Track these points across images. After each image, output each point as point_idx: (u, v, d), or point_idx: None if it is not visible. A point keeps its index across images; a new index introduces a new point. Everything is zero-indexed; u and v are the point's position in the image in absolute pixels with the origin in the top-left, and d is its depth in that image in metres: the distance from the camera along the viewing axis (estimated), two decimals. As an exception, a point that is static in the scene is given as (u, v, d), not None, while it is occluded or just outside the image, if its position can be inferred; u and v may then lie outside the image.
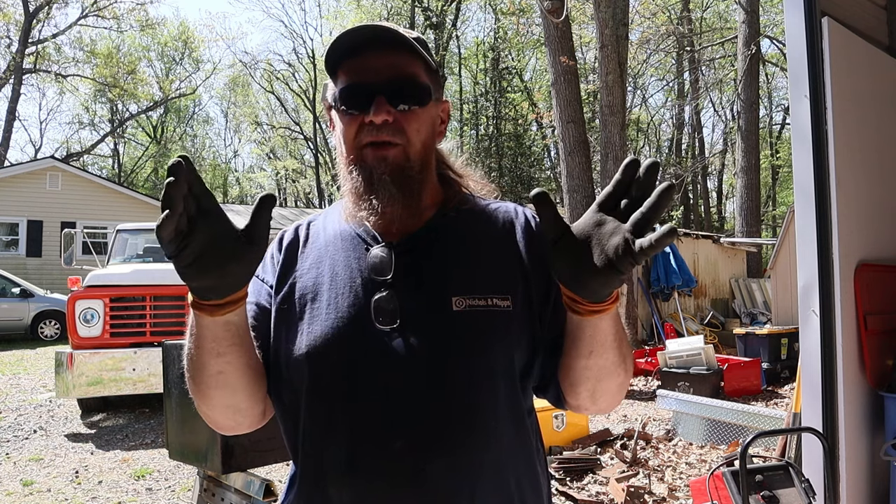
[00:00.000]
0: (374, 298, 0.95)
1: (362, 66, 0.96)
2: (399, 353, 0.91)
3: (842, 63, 2.32)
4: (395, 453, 0.89)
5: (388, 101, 0.94)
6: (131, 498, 4.24)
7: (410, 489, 0.90)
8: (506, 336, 0.94)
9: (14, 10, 26.08)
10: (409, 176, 0.97)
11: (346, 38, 0.95)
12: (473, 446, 0.92)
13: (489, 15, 30.19)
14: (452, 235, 1.01)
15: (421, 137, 0.98)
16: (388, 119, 0.94)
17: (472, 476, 0.91)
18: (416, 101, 0.97)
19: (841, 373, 2.21)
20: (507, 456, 0.95)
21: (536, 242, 1.02)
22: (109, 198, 17.37)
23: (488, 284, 0.96)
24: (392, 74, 0.96)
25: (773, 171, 27.95)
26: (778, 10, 20.77)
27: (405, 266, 0.97)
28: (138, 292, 6.17)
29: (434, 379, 0.91)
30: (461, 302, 0.94)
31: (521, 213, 1.07)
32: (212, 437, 2.31)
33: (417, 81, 0.98)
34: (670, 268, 11.52)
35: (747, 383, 6.99)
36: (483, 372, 0.93)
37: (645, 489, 3.85)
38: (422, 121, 0.99)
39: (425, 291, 0.95)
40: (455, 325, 0.93)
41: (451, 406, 0.91)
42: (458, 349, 0.92)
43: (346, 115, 0.97)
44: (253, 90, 38.30)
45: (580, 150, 11.26)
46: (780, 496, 1.88)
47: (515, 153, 27.46)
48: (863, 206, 2.44)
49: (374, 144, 0.95)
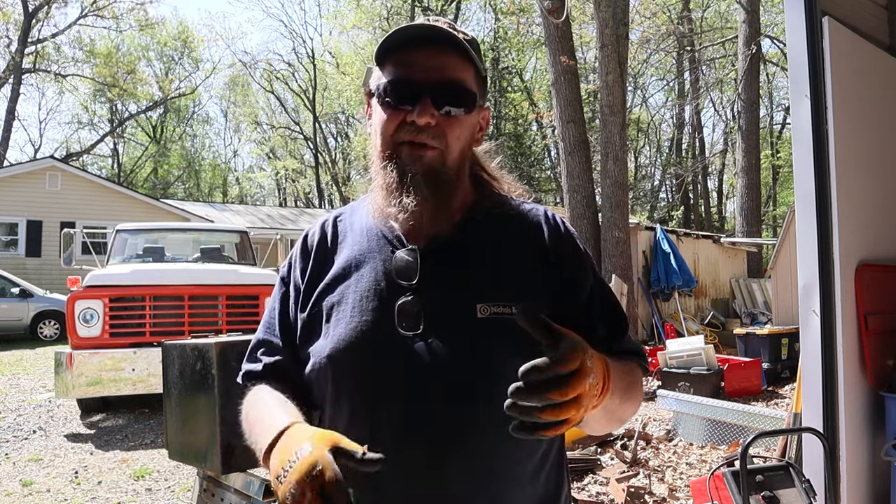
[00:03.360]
0: (399, 303, 0.94)
1: (413, 62, 0.95)
2: (421, 359, 0.91)
3: (842, 63, 2.31)
4: (414, 457, 0.89)
5: (433, 104, 0.93)
6: (131, 498, 4.24)
7: (429, 493, 0.89)
8: (528, 344, 0.94)
9: (13, 9, 26.12)
10: (443, 180, 0.96)
11: (403, 31, 0.94)
12: (493, 453, 0.91)
13: (489, 15, 30.23)
14: (479, 240, 1.00)
15: (460, 144, 0.98)
16: (431, 122, 0.93)
17: (491, 483, 0.91)
18: (461, 107, 0.96)
19: (841, 373, 2.21)
20: (526, 463, 0.94)
21: (564, 253, 1.02)
22: (109, 198, 17.37)
23: (513, 291, 0.95)
24: (441, 77, 0.94)
25: (774, 171, 27.93)
26: (778, 9, 20.76)
27: (430, 271, 0.96)
28: (138, 292, 6.17)
29: (455, 385, 0.91)
30: (486, 309, 0.93)
31: (550, 217, 1.06)
32: (212, 437, 2.31)
33: (465, 87, 0.97)
34: (670, 268, 11.52)
35: (748, 383, 6.99)
36: (502, 379, 0.92)
37: (645, 489, 3.84)
38: (464, 127, 0.98)
39: (450, 297, 0.94)
40: (479, 332, 0.92)
41: (471, 413, 0.91)
42: (481, 357, 0.92)
43: (389, 109, 0.96)
44: (253, 90, 38.35)
45: (580, 149, 11.25)
46: (781, 496, 1.88)
47: (515, 153, 27.47)
48: (863, 206, 2.43)
49: (411, 144, 0.94)
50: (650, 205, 31.53)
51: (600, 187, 11.49)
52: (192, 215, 18.31)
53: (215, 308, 6.40)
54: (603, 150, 11.14)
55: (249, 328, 6.35)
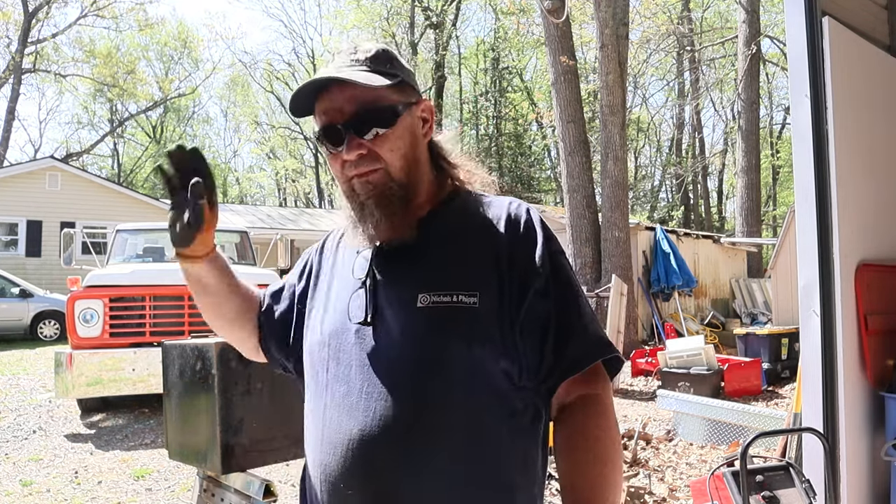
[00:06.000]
0: (350, 297, 1.04)
1: (327, 108, 1.03)
2: (365, 347, 0.99)
3: (842, 63, 2.31)
4: (350, 441, 0.95)
5: (357, 134, 1.00)
6: (131, 498, 4.24)
7: (361, 477, 0.94)
8: (468, 332, 0.95)
9: (13, 9, 26.10)
10: (394, 195, 1.02)
11: (307, 85, 1.02)
12: (419, 441, 0.93)
13: (489, 15, 30.22)
14: (436, 233, 1.04)
15: (400, 153, 1.03)
16: (363, 152, 1.01)
17: (418, 470, 0.92)
18: (382, 125, 1.01)
19: (841, 373, 2.21)
20: (460, 453, 0.94)
21: (518, 242, 1.02)
22: (109, 198, 17.35)
23: (457, 281, 0.98)
24: (353, 108, 1.00)
25: (774, 171, 27.96)
26: (778, 9, 20.78)
27: (381, 267, 1.04)
28: (138, 292, 6.16)
29: (389, 372, 0.96)
30: (426, 298, 0.97)
31: (512, 211, 1.06)
32: (212, 437, 2.31)
33: (379, 106, 1.01)
34: (670, 268, 11.52)
35: (748, 383, 6.99)
36: (437, 368, 0.95)
37: (645, 489, 3.84)
38: (395, 138, 1.03)
39: (395, 290, 1.01)
40: (417, 321, 0.97)
41: (400, 400, 0.94)
42: (415, 345, 0.96)
43: (329, 154, 1.05)
44: (253, 90, 38.34)
45: (580, 149, 11.25)
46: (781, 496, 1.88)
47: (515, 153, 27.47)
48: (863, 206, 2.43)
49: (358, 175, 1.03)
50: (650, 205, 31.53)
51: (600, 187, 11.49)
52: (192, 215, 18.27)
53: (215, 308, 6.39)
54: (603, 150, 11.14)
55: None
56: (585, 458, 0.94)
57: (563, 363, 0.98)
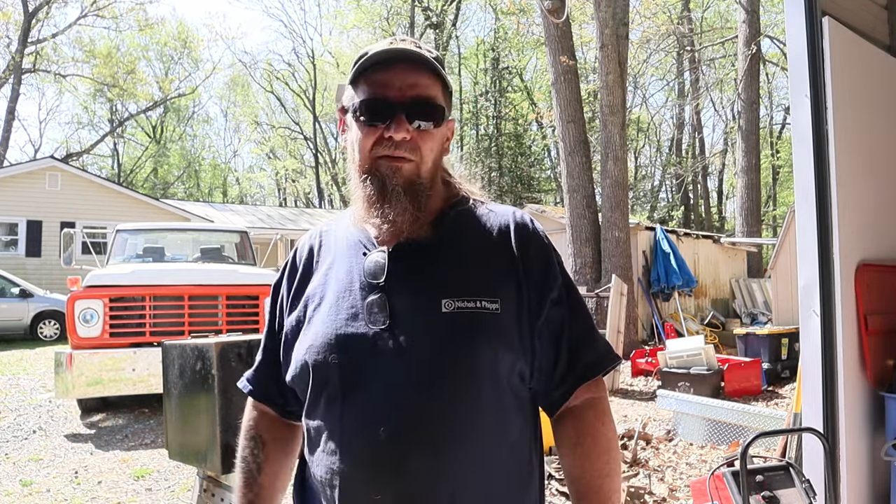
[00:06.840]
0: (367, 300, 1.00)
1: (387, 81, 1.01)
2: (387, 352, 0.96)
3: (842, 63, 2.31)
4: (378, 447, 0.93)
5: (407, 119, 1.00)
6: (131, 498, 4.24)
7: (391, 482, 0.93)
8: (492, 337, 0.97)
9: (13, 9, 26.10)
10: (419, 189, 1.03)
11: (378, 52, 1.01)
12: (452, 443, 0.94)
13: (489, 15, 30.22)
14: (449, 239, 1.05)
15: (433, 155, 1.06)
16: (407, 137, 1.00)
17: (451, 473, 0.94)
18: (431, 121, 1.03)
19: (841, 373, 2.21)
20: (488, 454, 0.97)
21: (531, 251, 1.06)
22: (109, 198, 17.35)
23: (478, 287, 1.00)
24: (414, 94, 1.01)
25: (774, 171, 27.95)
26: (778, 9, 20.78)
27: (399, 270, 1.02)
28: (138, 292, 6.16)
29: (417, 377, 0.95)
30: (450, 304, 0.97)
31: (518, 219, 1.10)
32: (212, 437, 2.31)
33: (435, 102, 1.04)
34: (670, 268, 11.52)
35: (748, 383, 6.99)
36: (466, 372, 0.96)
37: (645, 489, 3.84)
38: (435, 139, 1.06)
39: (416, 294, 1.00)
40: (443, 325, 0.96)
41: (430, 404, 0.94)
42: (443, 349, 0.96)
43: (366, 126, 1.02)
44: (253, 90, 38.34)
45: (580, 149, 11.25)
46: (781, 496, 1.88)
47: (515, 153, 27.45)
48: (863, 206, 2.43)
49: (389, 158, 1.02)
50: (650, 205, 31.52)
51: (600, 187, 11.49)
52: (192, 215, 18.30)
53: (215, 308, 6.40)
54: (603, 150, 11.14)
55: (249, 328, 6.35)
56: (592, 451, 1.03)
57: (576, 370, 1.05)
